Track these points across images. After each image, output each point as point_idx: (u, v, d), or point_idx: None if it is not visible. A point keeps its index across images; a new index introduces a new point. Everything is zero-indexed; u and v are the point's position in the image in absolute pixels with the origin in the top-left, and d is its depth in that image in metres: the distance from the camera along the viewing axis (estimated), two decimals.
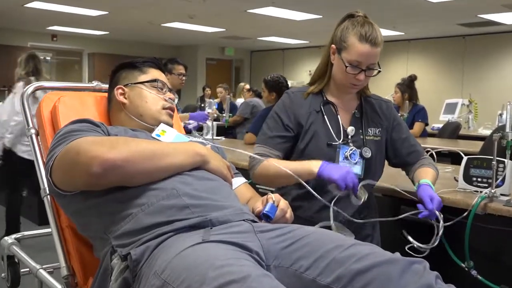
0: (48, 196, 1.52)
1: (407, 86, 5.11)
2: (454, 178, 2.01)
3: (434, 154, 2.20)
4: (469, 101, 6.26)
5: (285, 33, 10.64)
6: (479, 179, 1.86)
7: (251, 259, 1.08)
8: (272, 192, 1.46)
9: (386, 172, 1.88)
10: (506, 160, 1.77)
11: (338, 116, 1.77)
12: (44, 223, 2.39)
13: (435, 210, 1.63)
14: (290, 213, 1.40)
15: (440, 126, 5.99)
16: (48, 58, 12.31)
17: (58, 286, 1.41)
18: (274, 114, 1.79)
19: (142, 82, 1.58)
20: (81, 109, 1.63)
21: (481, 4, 7.16)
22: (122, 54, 11.33)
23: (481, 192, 1.79)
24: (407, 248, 1.63)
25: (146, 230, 1.18)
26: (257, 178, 1.75)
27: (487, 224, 1.74)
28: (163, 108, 1.56)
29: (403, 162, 1.87)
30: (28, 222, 4.69)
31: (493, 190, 1.76)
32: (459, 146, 3.99)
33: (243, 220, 1.24)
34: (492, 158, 1.75)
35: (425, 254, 1.56)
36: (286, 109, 1.77)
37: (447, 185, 1.98)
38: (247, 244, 1.13)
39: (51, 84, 1.86)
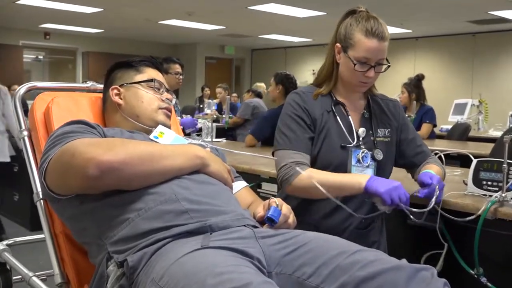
0: (41, 200, 1.53)
1: (415, 86, 5.11)
2: (463, 181, 2.01)
3: (442, 156, 2.20)
4: (479, 101, 6.27)
5: (287, 30, 10.66)
6: (489, 183, 1.86)
7: (252, 266, 1.09)
8: (275, 196, 1.46)
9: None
10: None
11: (349, 117, 1.77)
12: (36, 229, 2.39)
13: (436, 185, 1.64)
14: (292, 218, 1.40)
15: (449, 127, 5.99)
16: (40, 57, 12.45)
17: None
18: (291, 115, 1.74)
19: (138, 82, 1.58)
20: (75, 110, 1.64)
21: (491, 0, 7.17)
22: (118, 52, 11.36)
23: (491, 196, 1.79)
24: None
25: (144, 236, 1.18)
26: (294, 190, 1.67)
27: (498, 229, 1.74)
28: (159, 108, 1.56)
29: (410, 163, 1.88)
30: (20, 227, 4.69)
31: (503, 194, 1.76)
32: (469, 148, 3.99)
33: (244, 225, 1.25)
34: (502, 160, 1.75)
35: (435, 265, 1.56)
36: (302, 108, 1.74)
37: (456, 188, 1.98)
38: (248, 250, 1.13)
39: (44, 84, 1.87)
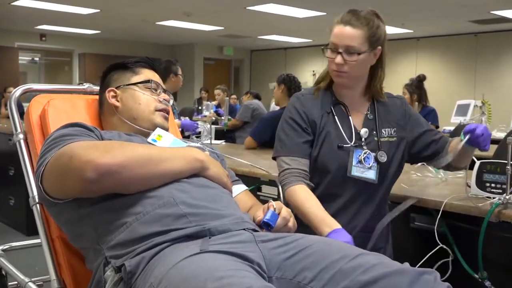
0: (37, 204, 1.52)
1: (416, 87, 5.12)
2: (467, 183, 2.01)
3: None
4: (482, 102, 6.25)
5: (287, 31, 10.67)
6: (493, 185, 1.86)
7: (252, 271, 1.08)
8: (274, 200, 1.46)
9: None
10: None
11: (350, 117, 1.77)
12: (32, 234, 2.39)
13: (479, 129, 1.63)
14: (292, 221, 1.40)
15: (451, 128, 5.97)
16: (36, 59, 12.46)
17: None
18: (288, 120, 1.77)
19: (135, 84, 1.58)
20: (72, 112, 1.64)
21: None
22: (115, 54, 11.37)
23: (494, 198, 1.80)
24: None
25: (142, 240, 1.18)
26: (287, 198, 1.71)
27: (502, 232, 1.75)
28: (156, 109, 1.56)
29: (434, 152, 1.84)
30: (15, 232, 4.69)
31: (507, 196, 1.76)
32: None
33: (244, 229, 1.25)
34: (506, 162, 1.75)
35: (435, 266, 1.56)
36: (299, 112, 1.76)
37: (459, 191, 1.98)
38: (248, 254, 1.13)
39: (40, 86, 1.87)
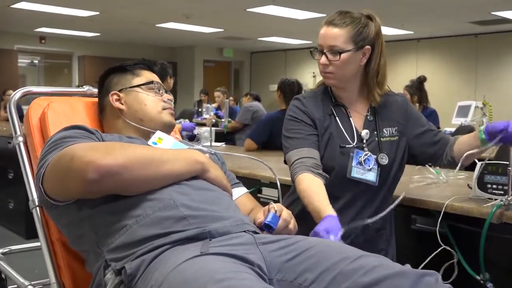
0: (37, 207, 1.52)
1: (416, 88, 5.12)
2: (468, 185, 2.01)
3: None
4: (483, 103, 6.25)
5: (287, 33, 10.68)
6: (494, 186, 1.86)
7: (253, 273, 1.08)
8: (275, 202, 1.46)
9: None
10: None
11: (351, 118, 1.78)
12: (32, 237, 2.39)
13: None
14: (293, 223, 1.40)
15: (452, 130, 5.98)
16: (36, 62, 12.46)
17: None
18: (291, 118, 1.78)
19: (139, 85, 1.59)
20: (71, 115, 1.64)
21: (493, 0, 7.18)
22: (114, 56, 11.38)
23: (496, 199, 1.79)
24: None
25: (142, 243, 1.18)
26: (296, 189, 1.69)
27: (504, 233, 1.74)
28: (164, 108, 1.58)
29: (433, 154, 1.82)
30: (15, 235, 4.69)
31: (509, 198, 1.76)
32: None
33: (244, 231, 1.25)
34: (508, 163, 1.75)
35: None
36: (301, 110, 1.78)
37: (460, 192, 1.98)
38: (248, 256, 1.13)
39: (40, 89, 1.87)
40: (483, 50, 10.17)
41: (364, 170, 1.71)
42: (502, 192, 1.82)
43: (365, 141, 1.76)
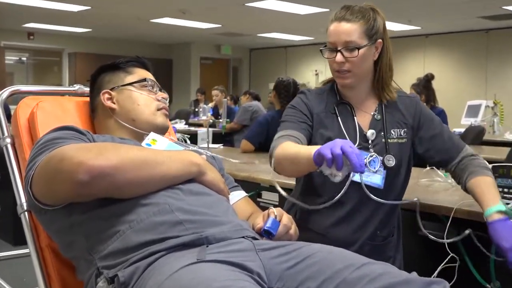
0: (25, 212, 1.52)
1: (424, 87, 5.12)
2: None
3: None
4: (494, 102, 6.27)
5: (287, 28, 10.68)
6: (505, 190, 1.86)
7: (252, 281, 1.09)
8: (275, 206, 1.46)
9: None
10: None
11: (355, 117, 1.77)
12: (20, 243, 2.39)
13: None
14: (294, 229, 1.41)
15: (461, 130, 5.99)
16: (24, 59, 12.46)
17: None
18: (290, 107, 1.82)
19: (131, 83, 1.59)
20: (62, 115, 1.64)
21: None
22: (107, 53, 11.37)
23: (507, 204, 1.80)
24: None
25: (136, 249, 1.18)
26: (277, 166, 1.62)
27: None
28: (158, 109, 1.57)
29: (439, 160, 1.82)
30: (2, 242, 4.68)
31: None
32: (483, 153, 3.99)
33: (243, 237, 1.25)
34: None
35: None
36: (303, 101, 1.80)
37: (470, 196, 1.98)
38: (247, 264, 1.13)
39: (28, 88, 1.87)
40: (494, 47, 10.18)
41: (369, 172, 1.68)
42: None
43: (370, 141, 1.75)
